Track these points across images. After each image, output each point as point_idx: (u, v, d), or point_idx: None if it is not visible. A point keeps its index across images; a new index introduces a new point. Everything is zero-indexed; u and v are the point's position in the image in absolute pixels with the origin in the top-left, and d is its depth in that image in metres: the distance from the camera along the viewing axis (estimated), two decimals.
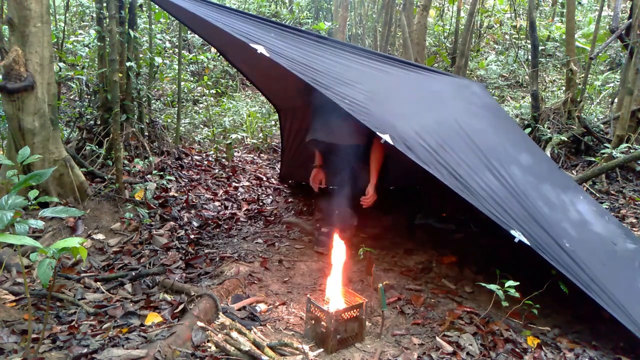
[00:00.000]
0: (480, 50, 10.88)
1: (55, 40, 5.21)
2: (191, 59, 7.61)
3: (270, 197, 4.94)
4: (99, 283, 2.87)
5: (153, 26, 6.07)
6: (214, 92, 8.02)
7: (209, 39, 4.37)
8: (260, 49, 2.59)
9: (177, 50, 6.62)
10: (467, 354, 2.31)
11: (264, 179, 5.48)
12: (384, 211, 4.03)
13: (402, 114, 2.85)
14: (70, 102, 6.72)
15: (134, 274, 2.97)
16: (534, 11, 6.50)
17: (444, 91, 3.61)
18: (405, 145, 2.48)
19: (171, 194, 4.44)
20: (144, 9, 6.71)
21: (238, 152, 6.48)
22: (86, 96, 5.47)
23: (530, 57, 7.32)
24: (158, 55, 5.85)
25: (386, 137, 2.43)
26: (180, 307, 2.54)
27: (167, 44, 6.99)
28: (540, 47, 8.45)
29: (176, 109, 6.05)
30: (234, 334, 2.23)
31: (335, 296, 2.44)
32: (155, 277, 2.96)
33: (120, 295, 2.76)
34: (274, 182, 5.41)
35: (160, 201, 4.13)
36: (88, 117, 4.87)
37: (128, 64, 4.57)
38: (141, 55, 5.33)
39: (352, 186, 3.39)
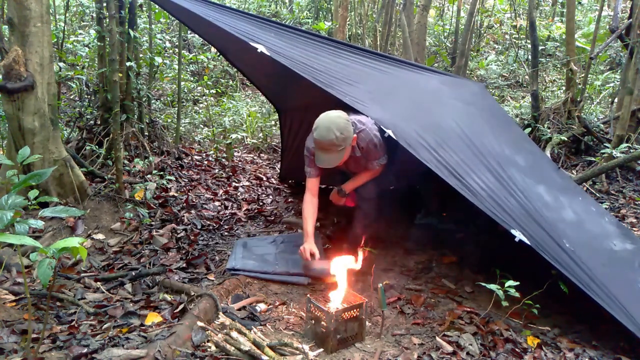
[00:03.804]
0: (480, 50, 10.88)
1: (55, 40, 5.21)
2: (191, 59, 7.61)
3: (270, 197, 4.93)
4: (99, 283, 2.86)
5: (153, 26, 6.07)
6: (214, 92, 8.02)
7: (209, 39, 4.37)
8: (261, 48, 2.60)
9: (177, 50, 6.61)
10: (467, 353, 2.31)
11: (264, 179, 5.47)
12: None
13: (402, 114, 2.85)
14: (70, 102, 6.71)
15: (134, 274, 2.97)
16: (534, 11, 6.50)
17: (443, 91, 3.61)
18: (407, 143, 2.50)
19: (171, 194, 4.43)
20: (144, 9, 6.71)
21: (238, 152, 6.47)
22: (86, 96, 5.46)
23: (530, 57, 7.32)
24: (158, 55, 5.84)
25: (389, 132, 2.45)
26: (180, 307, 2.54)
27: (167, 44, 6.99)
28: (540, 47, 8.44)
29: (176, 109, 6.05)
30: (234, 334, 2.23)
31: (335, 296, 2.44)
32: (155, 277, 2.96)
33: (120, 295, 2.75)
34: (274, 182, 5.41)
35: (160, 201, 4.13)
36: (88, 117, 4.86)
37: (128, 63, 4.56)
38: (141, 55, 5.32)
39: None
